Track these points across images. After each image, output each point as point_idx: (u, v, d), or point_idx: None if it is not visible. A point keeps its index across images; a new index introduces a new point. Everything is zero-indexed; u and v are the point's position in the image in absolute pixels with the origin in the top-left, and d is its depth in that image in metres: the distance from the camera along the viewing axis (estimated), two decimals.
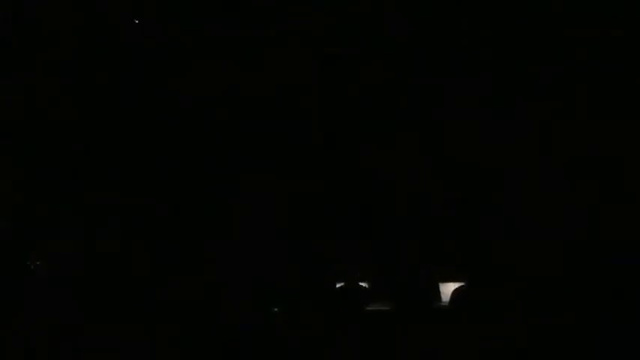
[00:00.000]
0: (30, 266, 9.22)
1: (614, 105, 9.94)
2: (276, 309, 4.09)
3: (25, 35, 9.30)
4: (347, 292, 3.96)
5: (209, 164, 10.73)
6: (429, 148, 10.84)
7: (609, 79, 9.92)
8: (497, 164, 11.00)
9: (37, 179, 9.58)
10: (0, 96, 9.22)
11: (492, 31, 10.92)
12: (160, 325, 3.62)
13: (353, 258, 9.82)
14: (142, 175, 10.36)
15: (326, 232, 10.60)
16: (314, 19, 10.22)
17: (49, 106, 9.51)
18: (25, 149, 9.54)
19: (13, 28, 9.17)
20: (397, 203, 10.68)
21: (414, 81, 11.02)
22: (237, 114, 10.84)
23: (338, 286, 5.06)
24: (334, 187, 10.82)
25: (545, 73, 10.24)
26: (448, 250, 10.28)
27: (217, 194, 10.68)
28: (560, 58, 10.05)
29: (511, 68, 10.85)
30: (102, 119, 10.22)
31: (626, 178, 9.91)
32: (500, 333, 3.48)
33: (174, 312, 3.93)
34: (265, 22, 10.54)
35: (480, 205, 10.58)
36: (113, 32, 10.48)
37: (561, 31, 10.08)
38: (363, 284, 5.42)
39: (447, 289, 4.29)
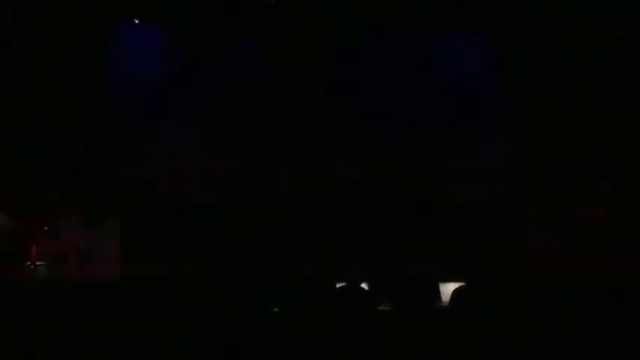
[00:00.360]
0: (30, 266, 9.19)
1: (614, 105, 9.92)
2: (276, 309, 4.08)
3: (25, 35, 9.29)
4: (347, 292, 3.94)
5: (209, 164, 10.70)
6: (428, 147, 10.81)
7: (609, 79, 9.91)
8: (497, 163, 10.97)
9: (38, 179, 9.56)
10: (0, 96, 9.21)
11: (492, 31, 10.91)
12: (160, 325, 3.61)
13: (353, 258, 9.80)
14: (142, 174, 10.32)
15: (326, 232, 10.57)
16: (314, 19, 10.21)
17: (49, 106, 9.50)
18: (25, 149, 9.52)
19: (13, 28, 9.16)
20: (397, 203, 10.65)
21: (413, 81, 11.00)
22: (237, 114, 10.81)
23: (338, 286, 5.05)
24: (334, 187, 10.79)
25: (545, 73, 10.23)
26: (448, 250, 10.26)
27: (218, 194, 10.64)
28: (560, 58, 10.04)
29: (511, 68, 10.83)
30: (101, 119, 10.21)
31: (625, 178, 9.89)
32: (500, 333, 3.47)
33: (175, 312, 3.92)
34: (265, 22, 10.51)
35: (480, 205, 10.56)
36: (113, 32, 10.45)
37: (561, 31, 10.08)
38: (363, 284, 5.41)
39: (447, 289, 4.26)
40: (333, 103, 10.92)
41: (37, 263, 9.20)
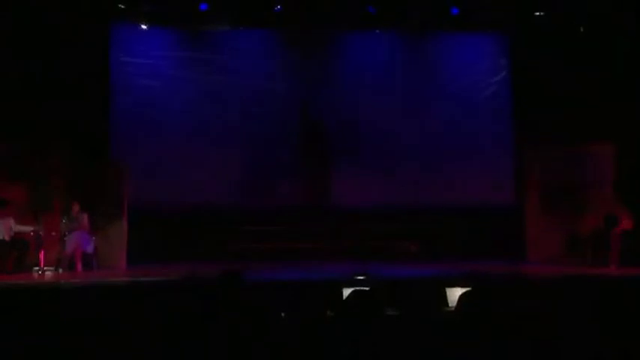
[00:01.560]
0: (38, 271, 9.18)
1: (614, 104, 9.91)
2: (276, 309, 4.08)
3: (25, 35, 9.33)
4: (351, 295, 3.94)
5: (210, 164, 10.69)
6: (428, 146, 10.79)
7: (609, 79, 9.92)
8: (497, 163, 10.95)
9: (38, 178, 9.58)
10: (0, 94, 9.25)
11: (492, 31, 10.88)
12: (160, 325, 3.62)
13: (353, 257, 9.83)
14: (142, 173, 10.31)
15: (326, 231, 10.57)
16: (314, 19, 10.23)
17: (49, 106, 9.52)
18: (25, 148, 9.54)
19: (13, 27, 9.21)
20: (396, 202, 10.63)
21: (412, 80, 10.98)
22: (238, 115, 10.80)
23: (340, 287, 5.06)
24: (334, 186, 10.78)
25: (547, 74, 10.23)
26: (450, 250, 10.24)
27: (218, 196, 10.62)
28: (560, 58, 10.05)
29: (513, 70, 10.82)
30: (103, 121, 10.21)
31: (626, 178, 9.88)
32: (500, 333, 3.47)
33: (175, 313, 3.92)
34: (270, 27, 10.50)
35: (480, 205, 10.53)
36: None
37: (561, 31, 10.09)
38: (362, 286, 5.41)
39: (454, 294, 4.23)
40: (334, 104, 10.93)
41: (45, 268, 9.20)
